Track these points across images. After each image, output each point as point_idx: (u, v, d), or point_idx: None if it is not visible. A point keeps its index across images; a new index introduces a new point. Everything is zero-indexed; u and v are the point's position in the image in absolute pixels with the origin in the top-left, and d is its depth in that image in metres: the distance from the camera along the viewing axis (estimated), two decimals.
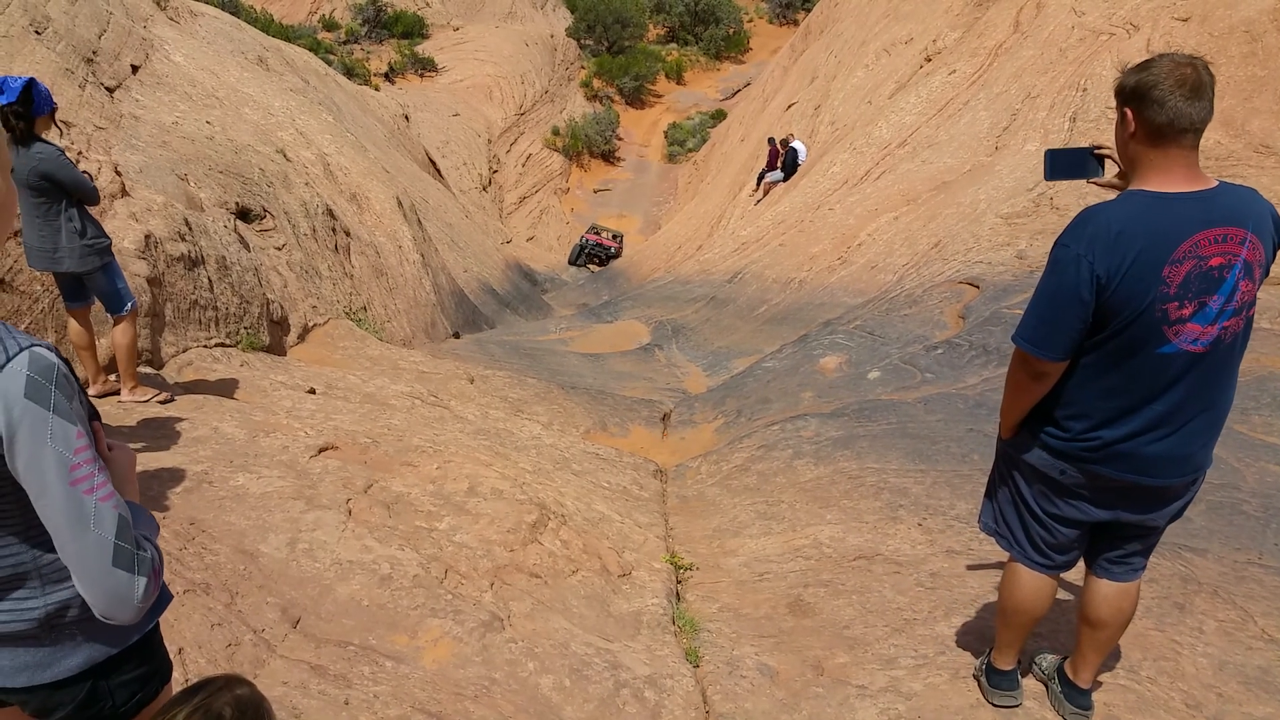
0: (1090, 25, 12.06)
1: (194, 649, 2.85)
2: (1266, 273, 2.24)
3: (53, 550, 1.49)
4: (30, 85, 4.17)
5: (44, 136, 4.40)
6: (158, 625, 1.76)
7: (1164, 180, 2.19)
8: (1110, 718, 2.87)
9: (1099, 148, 2.52)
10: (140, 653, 1.68)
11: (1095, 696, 2.89)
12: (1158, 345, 2.20)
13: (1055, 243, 2.28)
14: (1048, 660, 3.04)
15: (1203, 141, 2.19)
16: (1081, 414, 2.36)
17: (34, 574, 1.50)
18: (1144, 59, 2.23)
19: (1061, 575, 2.73)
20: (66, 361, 1.49)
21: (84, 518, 1.41)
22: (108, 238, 4.71)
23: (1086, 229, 2.20)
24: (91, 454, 1.44)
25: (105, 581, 1.44)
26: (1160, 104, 2.12)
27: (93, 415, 1.62)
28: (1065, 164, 2.57)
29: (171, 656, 2.73)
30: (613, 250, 29.67)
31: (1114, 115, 2.30)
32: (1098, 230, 2.18)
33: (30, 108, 4.20)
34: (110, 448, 1.66)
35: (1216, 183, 2.20)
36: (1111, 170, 2.50)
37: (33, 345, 1.42)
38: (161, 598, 1.71)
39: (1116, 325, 2.21)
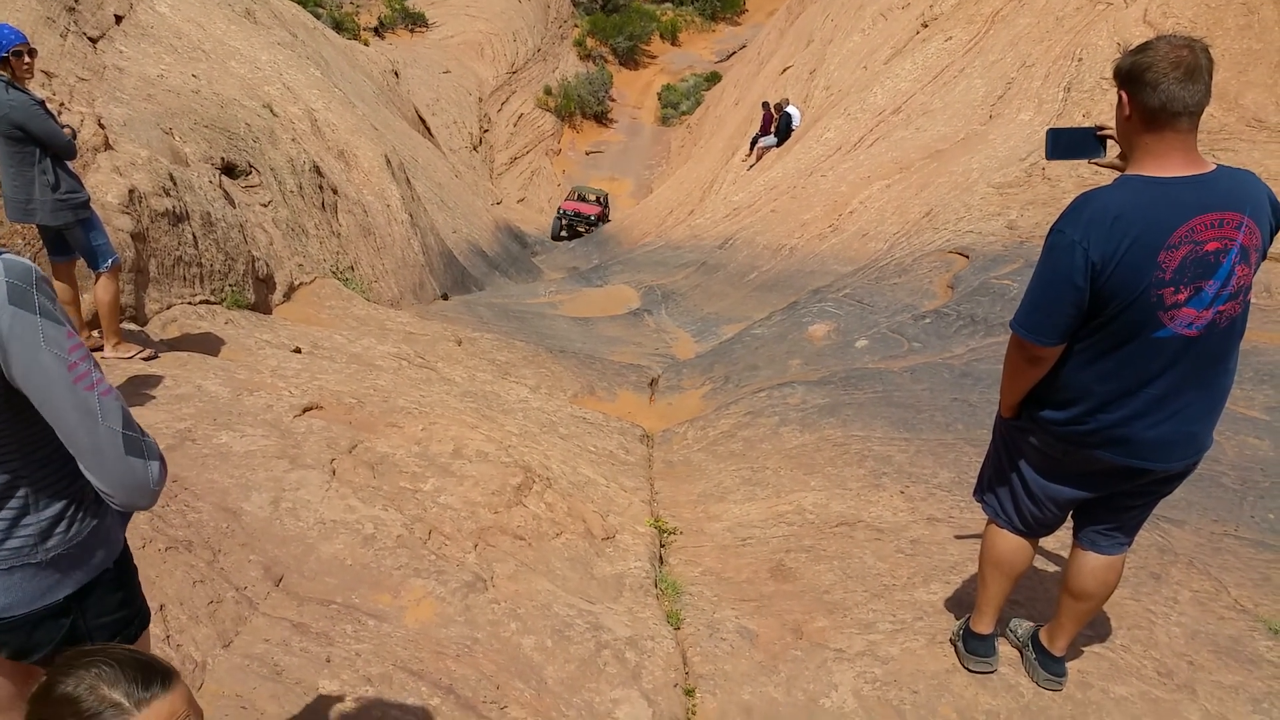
0: None
1: (176, 605, 2.85)
2: (1264, 257, 2.23)
3: (44, 467, 1.51)
4: None
5: (25, 86, 4.32)
6: (134, 572, 1.77)
7: (1160, 164, 2.17)
8: (1083, 684, 2.92)
9: (1102, 129, 2.50)
10: (120, 595, 1.70)
11: (1069, 664, 2.94)
12: (1153, 330, 2.20)
13: (1051, 228, 2.27)
14: (1023, 627, 3.08)
15: None
16: (1078, 397, 2.36)
17: (28, 491, 1.51)
18: (1143, 41, 2.21)
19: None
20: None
21: (91, 413, 1.43)
22: (85, 192, 4.64)
23: (1083, 214, 2.19)
24: (84, 350, 1.45)
25: (122, 471, 1.47)
26: (1154, 87, 2.10)
27: None
28: (1067, 144, 2.54)
29: (153, 613, 2.74)
30: (592, 217, 27.67)
31: (1108, 86, 2.29)
32: (1094, 215, 2.16)
33: None
34: None
35: (1214, 166, 2.18)
36: (1114, 151, 2.48)
37: (3, 252, 1.41)
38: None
39: (1112, 310, 2.20)
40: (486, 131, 37.08)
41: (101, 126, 6.29)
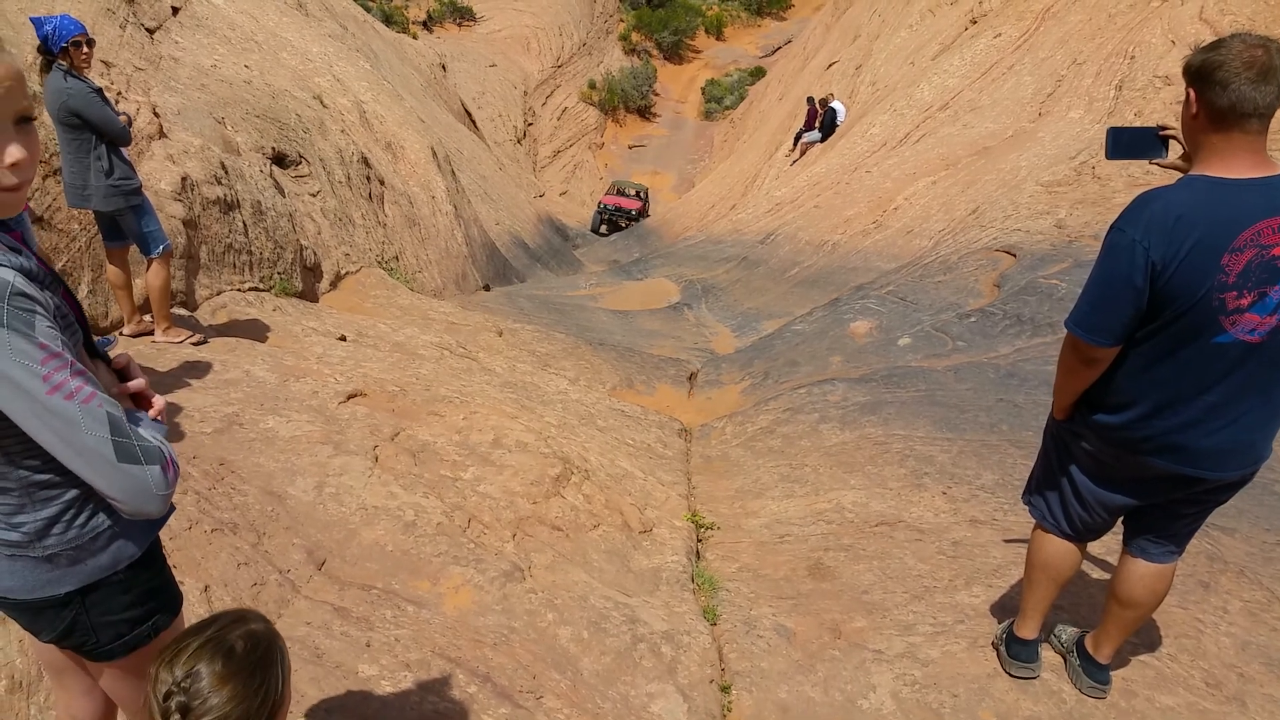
0: None
1: (220, 587, 2.91)
2: None
3: (38, 473, 1.48)
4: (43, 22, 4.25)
5: (83, 74, 4.42)
6: (156, 576, 1.73)
7: (1226, 165, 2.10)
8: (1128, 693, 2.86)
9: (1164, 128, 2.43)
10: (129, 598, 1.66)
11: (1114, 672, 2.88)
12: (1213, 335, 2.14)
13: (1111, 226, 2.21)
14: (1067, 633, 3.03)
15: None
16: (1132, 401, 2.31)
17: (20, 492, 1.49)
18: (1215, 39, 2.14)
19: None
20: (45, 272, 1.46)
21: (72, 423, 1.39)
22: (137, 179, 4.73)
23: (1144, 214, 2.13)
24: (61, 362, 1.38)
25: (118, 479, 1.44)
26: (1224, 86, 2.03)
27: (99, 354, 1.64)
28: (1128, 143, 2.48)
29: (197, 594, 2.79)
30: (633, 212, 27.59)
31: (1161, 84, 2.22)
32: (1155, 215, 2.11)
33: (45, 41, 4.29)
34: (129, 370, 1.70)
35: None
36: (1175, 152, 2.42)
37: None
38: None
39: (1171, 313, 2.15)
40: (530, 125, 37.27)
41: (156, 115, 6.43)
